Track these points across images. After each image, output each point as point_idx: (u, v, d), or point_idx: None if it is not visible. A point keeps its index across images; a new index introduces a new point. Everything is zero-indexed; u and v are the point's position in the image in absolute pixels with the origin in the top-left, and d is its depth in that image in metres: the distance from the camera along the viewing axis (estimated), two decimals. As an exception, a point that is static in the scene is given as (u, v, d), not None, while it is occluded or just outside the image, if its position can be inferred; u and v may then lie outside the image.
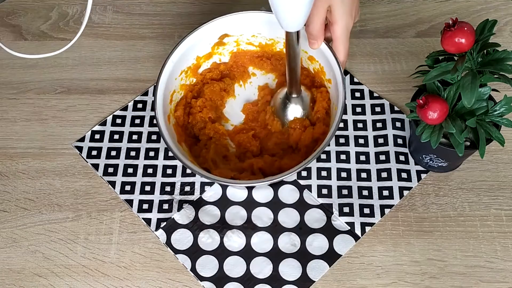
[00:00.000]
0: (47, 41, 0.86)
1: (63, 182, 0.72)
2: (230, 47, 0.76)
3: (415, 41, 0.84)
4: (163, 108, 0.68)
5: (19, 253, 0.67)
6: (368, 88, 0.79)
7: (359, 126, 0.75)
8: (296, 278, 0.65)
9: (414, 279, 0.64)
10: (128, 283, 0.65)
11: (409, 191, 0.70)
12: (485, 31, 0.60)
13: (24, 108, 0.79)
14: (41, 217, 0.70)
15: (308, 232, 0.68)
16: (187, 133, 0.73)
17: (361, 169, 0.72)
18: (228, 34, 0.74)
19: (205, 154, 0.70)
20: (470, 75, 0.58)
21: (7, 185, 0.72)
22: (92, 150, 0.74)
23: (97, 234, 0.68)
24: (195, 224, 0.68)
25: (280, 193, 0.70)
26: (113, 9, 0.89)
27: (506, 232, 0.67)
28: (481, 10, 0.87)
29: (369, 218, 0.68)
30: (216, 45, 0.75)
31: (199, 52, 0.74)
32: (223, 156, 0.72)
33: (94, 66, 0.83)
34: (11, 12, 0.89)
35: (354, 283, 0.64)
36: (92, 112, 0.78)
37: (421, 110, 0.61)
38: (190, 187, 0.71)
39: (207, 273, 0.65)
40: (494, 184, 0.71)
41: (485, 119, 0.62)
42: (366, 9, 0.88)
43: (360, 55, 0.83)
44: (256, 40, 0.77)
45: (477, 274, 0.65)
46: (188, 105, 0.74)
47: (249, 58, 0.78)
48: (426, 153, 0.68)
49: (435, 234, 0.67)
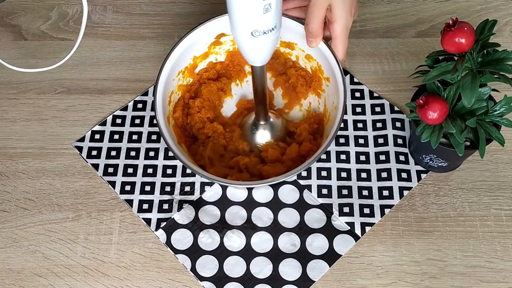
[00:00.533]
0: (47, 41, 0.86)
1: (63, 182, 0.72)
2: (226, 46, 0.76)
3: (415, 41, 0.84)
4: (163, 110, 0.68)
5: (19, 253, 0.67)
6: (368, 88, 0.79)
7: (359, 126, 0.75)
8: (296, 278, 0.65)
9: (414, 279, 0.64)
10: (128, 283, 0.65)
11: (409, 191, 0.70)
12: (485, 31, 0.60)
13: (24, 108, 0.79)
14: (41, 217, 0.70)
15: (308, 232, 0.68)
16: (186, 134, 0.73)
17: (361, 169, 0.72)
18: (225, 34, 0.74)
19: (201, 152, 0.71)
20: (470, 75, 0.58)
21: (7, 185, 0.72)
22: (92, 150, 0.74)
23: (97, 234, 0.68)
24: (195, 224, 0.68)
25: (280, 193, 0.70)
26: (113, 9, 0.89)
27: (506, 232, 0.67)
28: (481, 10, 0.87)
29: (369, 218, 0.68)
30: (213, 44, 0.75)
31: (196, 52, 0.74)
32: (220, 155, 0.72)
33: (94, 66, 0.83)
34: (11, 12, 0.89)
35: (354, 283, 0.64)
36: (92, 112, 0.78)
37: (421, 110, 0.61)
38: (190, 187, 0.71)
39: (207, 273, 0.65)
40: (494, 184, 0.71)
41: (485, 119, 0.62)
42: (366, 9, 0.88)
43: (360, 55, 0.83)
44: None
45: (477, 274, 0.65)
46: (186, 106, 0.74)
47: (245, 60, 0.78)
48: (426, 153, 0.68)
49: (435, 234, 0.67)
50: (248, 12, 0.52)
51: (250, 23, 0.53)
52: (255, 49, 0.56)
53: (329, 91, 0.71)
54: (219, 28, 0.73)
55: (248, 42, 0.55)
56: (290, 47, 0.75)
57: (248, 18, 0.52)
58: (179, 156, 0.64)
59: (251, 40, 0.54)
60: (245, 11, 0.52)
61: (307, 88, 0.75)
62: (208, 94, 0.75)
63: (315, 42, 0.68)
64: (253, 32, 0.53)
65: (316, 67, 0.73)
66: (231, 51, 0.77)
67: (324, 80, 0.72)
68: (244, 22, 0.53)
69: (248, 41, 0.55)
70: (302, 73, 0.75)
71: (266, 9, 0.51)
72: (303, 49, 0.73)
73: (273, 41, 0.56)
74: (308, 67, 0.75)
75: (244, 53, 0.58)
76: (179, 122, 0.72)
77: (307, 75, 0.75)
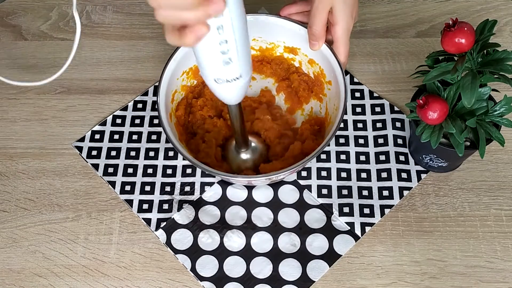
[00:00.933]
0: (47, 41, 0.86)
1: (63, 182, 0.72)
2: None
3: (415, 41, 0.84)
4: (165, 106, 0.68)
5: (19, 253, 0.67)
6: (368, 88, 0.79)
7: (359, 126, 0.75)
8: (296, 278, 0.65)
9: (414, 279, 0.64)
10: (128, 283, 0.65)
11: (409, 191, 0.70)
12: (485, 31, 0.60)
13: (24, 108, 0.79)
14: (41, 217, 0.70)
15: (308, 232, 0.68)
16: (187, 132, 0.73)
17: (361, 169, 0.72)
18: None
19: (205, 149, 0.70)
20: (470, 75, 0.58)
21: (7, 185, 0.72)
22: (92, 150, 0.74)
23: (97, 234, 0.68)
24: (195, 224, 0.68)
25: (280, 193, 0.70)
26: (113, 9, 0.89)
27: (506, 232, 0.67)
28: (481, 10, 0.87)
29: (369, 218, 0.68)
30: None
31: None
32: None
33: (94, 66, 0.83)
34: (11, 12, 0.89)
35: (354, 283, 0.64)
36: (92, 112, 0.78)
37: (421, 110, 0.61)
38: (190, 187, 0.71)
39: (207, 273, 0.65)
40: (494, 184, 0.71)
41: (485, 119, 0.62)
42: (366, 9, 0.88)
43: (360, 55, 0.83)
44: (257, 44, 0.77)
45: (477, 274, 0.65)
46: (189, 105, 0.74)
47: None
48: (426, 153, 0.68)
49: (435, 234, 0.67)
50: (208, 63, 0.51)
51: (211, 72, 0.52)
52: (222, 93, 0.55)
53: (331, 94, 0.71)
54: None
55: (214, 87, 0.54)
56: (294, 52, 0.75)
57: (209, 67, 0.51)
58: (179, 149, 0.63)
59: (216, 85, 0.54)
60: (205, 61, 0.51)
61: (309, 93, 0.75)
62: (211, 94, 0.75)
63: (318, 45, 0.68)
64: (216, 79, 0.52)
65: (318, 71, 0.73)
66: None
67: (326, 84, 0.72)
68: (206, 70, 0.52)
69: (214, 85, 0.54)
70: (304, 78, 0.76)
71: (226, 62, 0.50)
72: (306, 53, 0.74)
73: (240, 87, 0.54)
74: (310, 72, 0.75)
75: (215, 94, 0.56)
76: (181, 120, 0.72)
77: (309, 80, 0.76)
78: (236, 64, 0.51)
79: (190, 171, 0.72)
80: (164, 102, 0.67)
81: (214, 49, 0.49)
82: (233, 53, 0.50)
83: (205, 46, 0.49)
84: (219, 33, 0.47)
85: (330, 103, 0.72)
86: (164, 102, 0.67)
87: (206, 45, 0.48)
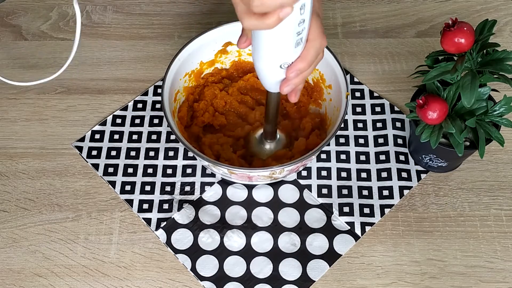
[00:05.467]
0: (47, 41, 0.86)
1: (63, 182, 0.72)
2: (232, 56, 0.76)
3: (415, 41, 0.84)
4: (169, 104, 0.68)
5: (19, 253, 0.67)
6: (368, 88, 0.79)
7: (359, 126, 0.75)
8: (296, 278, 0.65)
9: (414, 279, 0.64)
10: (128, 283, 0.65)
11: (409, 191, 0.70)
12: (485, 31, 0.60)
13: (24, 108, 0.79)
14: (41, 217, 0.70)
15: (308, 232, 0.68)
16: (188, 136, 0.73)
17: (361, 169, 0.72)
18: (232, 43, 0.74)
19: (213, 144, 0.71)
20: (469, 75, 0.58)
21: (7, 185, 0.72)
22: (92, 150, 0.74)
23: (97, 234, 0.68)
24: (195, 224, 0.68)
25: (280, 193, 0.71)
26: (113, 9, 0.90)
27: (506, 232, 0.67)
28: (481, 10, 0.87)
29: (369, 218, 0.68)
30: (219, 52, 0.75)
31: (203, 57, 0.74)
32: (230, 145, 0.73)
33: (94, 66, 0.83)
34: (11, 12, 0.89)
35: (354, 283, 0.64)
36: (92, 112, 0.78)
37: (421, 110, 0.61)
38: (190, 187, 0.71)
39: (207, 273, 0.65)
40: (494, 184, 0.71)
41: (485, 119, 0.62)
42: (366, 9, 0.88)
43: (360, 55, 0.83)
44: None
45: (477, 274, 0.65)
46: (191, 109, 0.74)
47: (249, 69, 0.78)
48: (426, 153, 0.68)
49: (435, 234, 0.67)
50: (280, 46, 0.49)
51: (280, 56, 0.50)
52: (277, 78, 0.54)
53: (331, 97, 0.71)
54: (228, 35, 0.73)
55: (274, 73, 0.53)
56: None
57: (279, 51, 0.49)
58: (183, 140, 0.63)
59: (278, 72, 0.52)
60: (277, 45, 0.49)
61: (308, 99, 0.75)
62: (211, 96, 0.75)
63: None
64: (282, 65, 0.51)
65: (318, 77, 0.73)
66: (236, 61, 0.77)
67: (326, 89, 0.72)
68: (274, 55, 0.50)
69: (275, 72, 0.52)
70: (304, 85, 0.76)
71: (298, 43, 0.49)
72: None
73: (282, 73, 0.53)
74: (309, 79, 0.75)
75: (266, 81, 0.55)
76: (183, 121, 0.72)
77: (308, 87, 0.76)
78: (303, 45, 0.50)
79: (190, 171, 0.72)
80: (168, 98, 0.67)
81: (292, 29, 0.47)
82: (305, 33, 0.49)
83: (283, 27, 0.46)
84: (300, 13, 0.46)
85: (329, 106, 0.72)
86: (168, 98, 0.67)
87: (285, 26, 0.46)
